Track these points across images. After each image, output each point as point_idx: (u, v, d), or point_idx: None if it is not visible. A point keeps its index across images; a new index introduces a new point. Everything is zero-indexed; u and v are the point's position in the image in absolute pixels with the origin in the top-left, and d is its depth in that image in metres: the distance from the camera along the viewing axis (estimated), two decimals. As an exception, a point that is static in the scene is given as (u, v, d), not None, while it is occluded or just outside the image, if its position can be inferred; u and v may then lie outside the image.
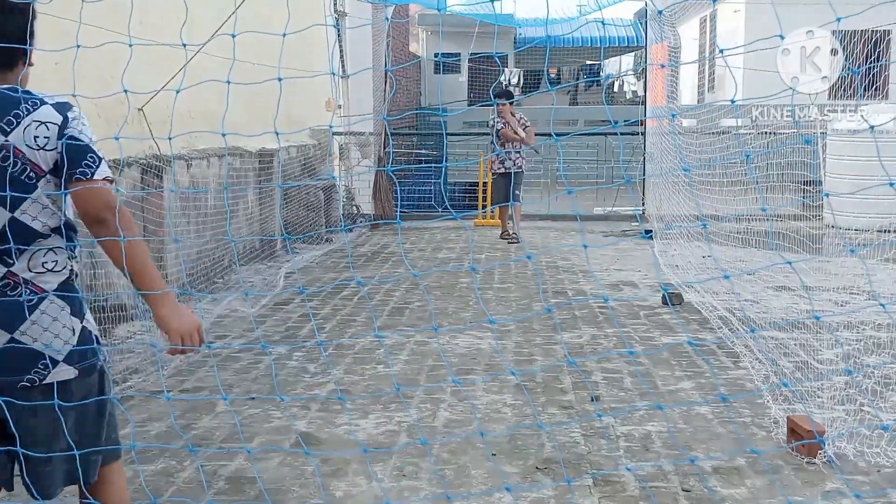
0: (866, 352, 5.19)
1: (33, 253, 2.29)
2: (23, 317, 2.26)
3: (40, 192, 2.27)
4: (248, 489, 3.57)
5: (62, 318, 2.31)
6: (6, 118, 2.24)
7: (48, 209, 2.29)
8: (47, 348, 2.28)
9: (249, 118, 6.72)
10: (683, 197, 9.00)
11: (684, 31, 17.12)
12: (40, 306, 2.29)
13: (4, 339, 2.26)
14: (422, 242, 10.79)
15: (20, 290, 2.27)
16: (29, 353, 2.27)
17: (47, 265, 2.31)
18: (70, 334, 2.32)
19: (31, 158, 2.24)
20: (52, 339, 2.29)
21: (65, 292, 2.33)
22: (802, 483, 3.56)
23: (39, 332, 2.28)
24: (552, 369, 5.20)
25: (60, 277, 2.34)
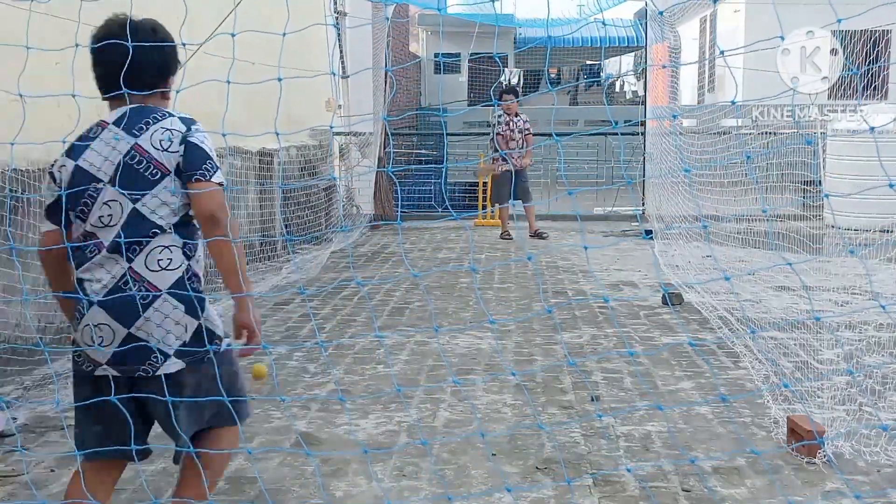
0: (866, 352, 5.19)
1: (151, 250, 2.56)
2: (137, 314, 2.53)
3: (161, 189, 2.57)
4: (248, 489, 3.57)
5: (175, 315, 2.56)
6: (138, 125, 2.62)
7: (166, 206, 2.58)
8: (158, 344, 2.54)
9: (250, 118, 6.71)
10: (683, 197, 9.00)
11: (684, 32, 17.13)
12: (154, 304, 2.55)
13: (123, 334, 2.54)
14: (422, 242, 10.79)
15: (137, 286, 2.54)
16: (142, 347, 2.53)
17: (162, 263, 2.57)
18: (182, 331, 2.58)
19: (156, 158, 2.57)
20: (165, 335, 2.55)
21: (179, 290, 2.57)
22: (802, 483, 3.56)
23: (152, 328, 2.54)
24: (552, 369, 5.20)
25: (175, 275, 2.58)
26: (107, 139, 2.63)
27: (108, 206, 2.57)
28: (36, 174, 5.15)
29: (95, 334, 2.54)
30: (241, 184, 8.87)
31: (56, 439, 4.07)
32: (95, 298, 2.55)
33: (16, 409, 4.43)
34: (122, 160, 2.58)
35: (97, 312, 2.54)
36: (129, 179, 2.56)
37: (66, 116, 4.32)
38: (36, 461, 3.87)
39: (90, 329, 2.55)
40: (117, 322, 2.53)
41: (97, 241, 2.58)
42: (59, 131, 3.11)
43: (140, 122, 2.61)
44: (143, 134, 2.59)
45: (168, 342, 2.56)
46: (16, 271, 4.63)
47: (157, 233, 2.57)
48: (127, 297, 2.53)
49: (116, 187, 2.56)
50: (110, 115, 2.69)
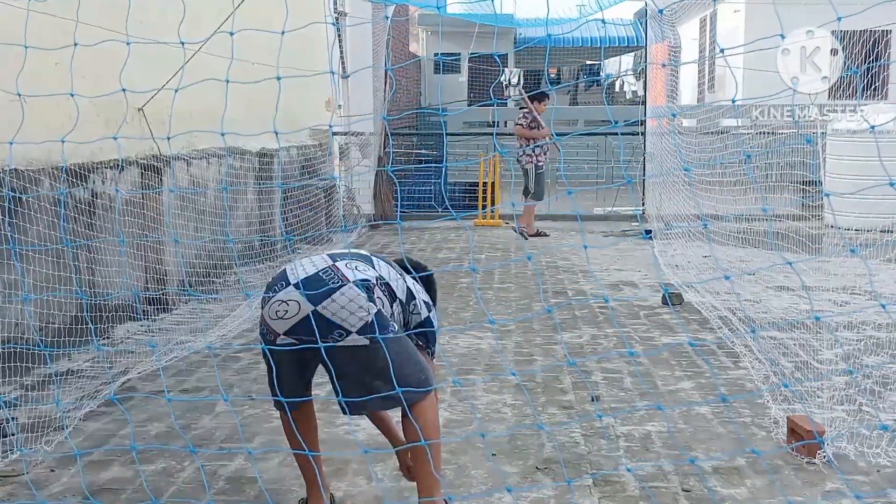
0: (866, 352, 5.19)
1: (356, 268, 3.04)
2: (327, 295, 2.92)
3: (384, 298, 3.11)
4: (248, 489, 3.57)
5: (358, 300, 2.94)
6: None
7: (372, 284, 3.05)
8: (343, 321, 2.92)
9: (250, 118, 6.71)
10: (683, 197, 9.00)
11: (684, 31, 17.13)
12: (341, 289, 2.94)
13: (309, 310, 2.92)
14: (422, 242, 10.79)
15: (334, 278, 2.96)
16: (329, 323, 2.92)
17: (359, 270, 3.04)
18: (365, 313, 2.94)
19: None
20: (348, 315, 2.92)
21: (363, 283, 2.99)
22: (802, 483, 3.56)
23: (337, 309, 2.92)
24: (552, 369, 5.20)
25: (360, 276, 3.02)
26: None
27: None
28: (35, 174, 5.15)
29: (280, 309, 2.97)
30: (241, 184, 8.87)
31: (56, 439, 4.06)
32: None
33: (15, 409, 4.42)
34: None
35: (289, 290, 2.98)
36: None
37: (66, 116, 4.32)
38: (36, 461, 3.87)
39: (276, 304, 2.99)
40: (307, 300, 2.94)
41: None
42: (59, 131, 3.13)
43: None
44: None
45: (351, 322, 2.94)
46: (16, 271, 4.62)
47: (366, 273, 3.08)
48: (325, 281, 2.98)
49: None
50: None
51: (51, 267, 5.09)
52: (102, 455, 3.82)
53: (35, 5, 3.46)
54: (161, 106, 6.34)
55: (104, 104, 5.13)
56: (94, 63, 4.69)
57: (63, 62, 2.91)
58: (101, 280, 5.86)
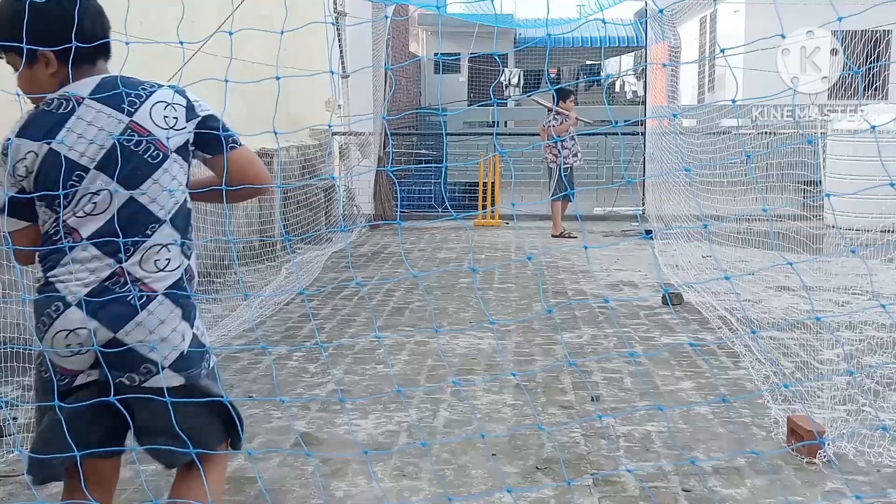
0: (867, 352, 5.19)
1: (147, 249, 2.22)
2: (128, 316, 2.19)
3: (162, 173, 2.25)
4: (248, 489, 3.57)
5: (171, 321, 2.24)
6: (128, 99, 2.25)
7: (167, 193, 2.25)
8: (152, 351, 2.21)
9: (250, 118, 6.71)
10: (683, 197, 9.00)
11: (684, 31, 17.12)
12: (148, 307, 2.21)
13: (107, 338, 2.19)
14: (422, 242, 10.79)
15: (128, 287, 2.20)
16: (134, 354, 2.21)
17: (160, 264, 2.24)
18: (179, 339, 2.26)
19: (159, 137, 2.24)
20: (159, 342, 2.22)
21: (176, 292, 2.25)
22: (802, 483, 3.56)
23: (145, 335, 2.21)
24: (552, 369, 5.20)
25: (174, 277, 2.26)
26: (88, 117, 2.23)
27: (97, 195, 2.21)
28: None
29: (73, 340, 2.19)
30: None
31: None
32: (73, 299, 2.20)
33: (16, 409, 4.42)
34: (115, 142, 2.21)
35: (74, 315, 2.19)
36: (124, 164, 2.20)
37: (66, 116, 4.33)
38: (35, 461, 3.86)
39: (63, 336, 2.20)
40: (101, 325, 2.18)
41: (73, 234, 2.22)
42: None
43: (128, 96, 2.26)
44: (138, 110, 2.24)
45: (159, 354, 2.23)
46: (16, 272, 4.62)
47: (156, 227, 2.24)
48: (117, 297, 2.20)
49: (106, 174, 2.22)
50: (77, 87, 2.27)
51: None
52: (102, 455, 3.82)
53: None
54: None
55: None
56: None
57: (63, 62, 2.93)
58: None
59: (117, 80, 2.30)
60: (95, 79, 2.30)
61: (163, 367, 2.24)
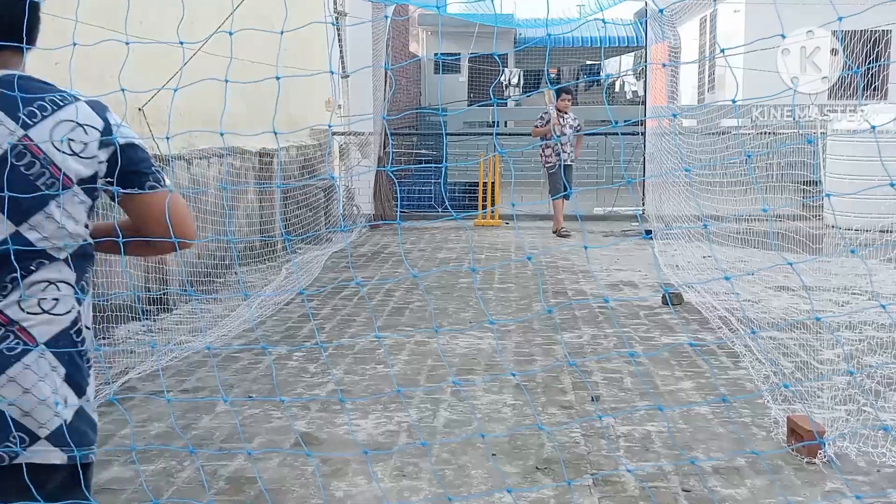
0: (867, 352, 5.19)
1: (30, 286, 1.76)
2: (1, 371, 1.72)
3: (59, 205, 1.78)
4: (248, 489, 3.57)
5: (52, 380, 1.76)
6: (28, 108, 1.76)
7: (63, 230, 1.79)
8: (24, 417, 1.73)
9: (250, 118, 6.72)
10: (683, 197, 9.00)
11: (684, 32, 17.12)
12: (24, 359, 1.74)
13: None
14: (422, 242, 10.79)
15: (3, 333, 1.74)
16: (1, 419, 1.72)
17: (45, 305, 1.77)
18: (61, 406, 1.77)
19: (56, 162, 1.77)
20: (35, 405, 1.74)
21: (62, 346, 1.79)
22: (802, 483, 3.56)
23: (17, 394, 1.73)
24: (552, 369, 5.20)
25: (61, 325, 1.79)
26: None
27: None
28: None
29: None
30: (242, 184, 8.87)
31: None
32: None
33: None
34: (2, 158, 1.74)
35: None
36: (10, 186, 1.73)
37: (66, 116, 4.32)
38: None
39: None
40: None
41: None
42: (59, 131, 3.13)
43: (30, 105, 1.76)
44: (37, 124, 1.76)
45: (40, 419, 1.74)
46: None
47: (45, 263, 1.78)
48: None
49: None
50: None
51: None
52: (102, 455, 3.82)
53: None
54: (161, 106, 6.34)
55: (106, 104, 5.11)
56: (94, 63, 4.69)
57: (63, 62, 2.92)
58: (102, 280, 5.86)
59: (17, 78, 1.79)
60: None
61: (37, 438, 1.75)
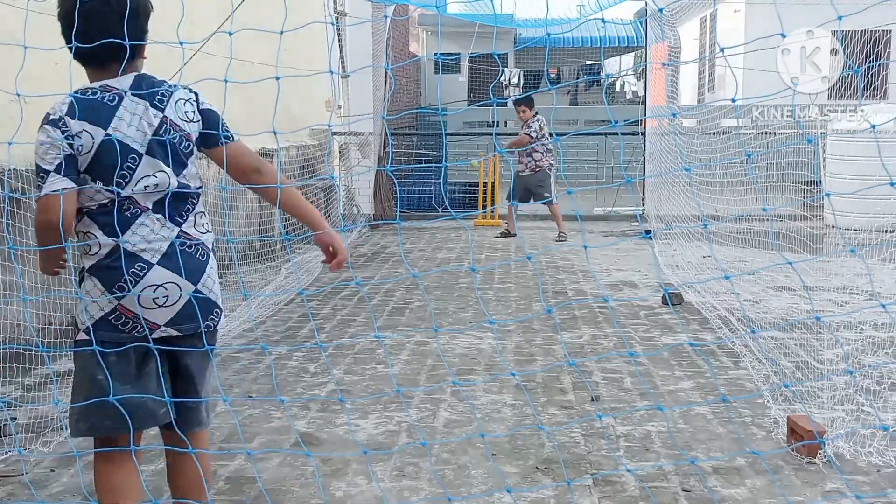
0: (866, 352, 5.19)
1: (195, 215, 2.63)
2: (202, 270, 2.59)
3: (194, 159, 2.63)
4: (248, 489, 3.57)
5: (216, 273, 2.67)
6: (157, 96, 2.58)
7: (197, 173, 2.65)
8: (217, 298, 2.64)
9: (250, 119, 6.72)
10: (684, 197, 9.00)
11: (684, 31, 17.12)
12: (209, 262, 2.64)
13: (191, 291, 2.57)
14: (422, 242, 10.79)
15: (196, 247, 2.60)
16: (209, 303, 2.61)
17: (205, 226, 2.67)
18: (219, 289, 2.67)
19: (186, 130, 2.60)
20: (219, 292, 2.65)
21: (214, 252, 2.69)
22: (802, 483, 3.56)
23: (212, 285, 2.63)
24: (552, 369, 5.20)
25: (211, 238, 2.69)
26: (132, 109, 2.55)
27: (155, 176, 2.55)
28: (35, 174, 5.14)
29: (161, 294, 2.52)
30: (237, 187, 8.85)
31: (56, 439, 4.06)
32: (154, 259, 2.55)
33: (15, 409, 4.42)
34: (157, 133, 2.56)
35: (160, 273, 2.52)
36: (167, 152, 2.56)
37: (66, 116, 4.32)
38: (36, 461, 3.87)
39: (151, 291, 2.51)
40: (186, 280, 2.56)
41: (138, 204, 2.55)
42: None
43: (157, 93, 2.59)
44: (167, 106, 2.59)
45: (220, 301, 2.67)
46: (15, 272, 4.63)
47: (195, 201, 2.65)
48: (188, 254, 2.58)
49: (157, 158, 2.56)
50: (116, 81, 2.58)
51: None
52: (102, 455, 3.82)
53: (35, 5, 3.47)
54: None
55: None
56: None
57: (63, 62, 2.92)
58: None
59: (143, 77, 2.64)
60: (130, 76, 2.61)
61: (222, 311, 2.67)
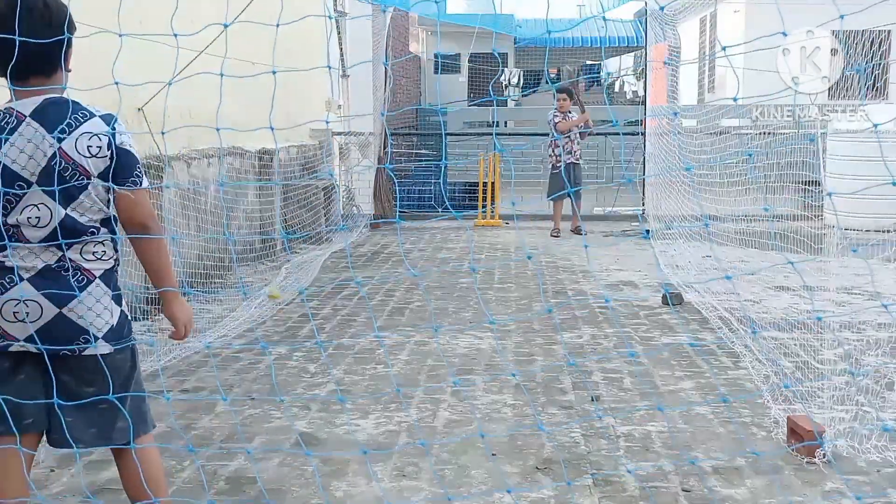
0: (866, 352, 5.19)
1: (85, 244, 2.60)
2: (72, 296, 2.57)
3: (88, 193, 2.57)
4: (248, 489, 3.57)
5: (104, 301, 2.63)
6: (60, 126, 2.53)
7: (95, 206, 2.60)
8: (90, 326, 2.59)
9: (250, 119, 6.72)
10: (684, 197, 9.00)
11: (684, 31, 17.13)
12: (88, 288, 2.60)
13: (53, 313, 2.56)
14: (422, 242, 10.79)
15: (72, 272, 2.58)
16: (74, 327, 2.58)
17: (97, 254, 2.63)
18: (109, 316, 2.64)
19: (81, 164, 2.54)
20: (95, 318, 2.60)
21: (109, 279, 2.66)
22: (802, 483, 3.56)
23: (84, 311, 2.58)
24: (552, 369, 5.20)
25: (106, 265, 2.65)
26: (27, 135, 2.51)
27: (38, 208, 2.53)
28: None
29: (21, 310, 2.54)
30: (241, 183, 8.87)
31: (56, 439, 4.06)
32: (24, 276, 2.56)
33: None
34: (48, 164, 2.51)
35: (26, 289, 2.54)
36: (54, 183, 2.51)
37: (66, 116, 4.32)
38: (36, 461, 3.86)
39: (12, 304, 2.54)
40: (49, 301, 2.55)
41: (21, 234, 2.55)
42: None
43: (61, 122, 2.53)
44: (67, 138, 2.52)
45: (98, 325, 2.61)
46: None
47: (94, 232, 2.61)
48: (63, 278, 2.57)
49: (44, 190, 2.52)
50: (22, 105, 2.55)
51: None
52: (102, 455, 3.81)
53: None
54: (162, 107, 6.34)
55: (105, 104, 5.12)
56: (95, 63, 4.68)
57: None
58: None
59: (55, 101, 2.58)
60: (37, 99, 2.56)
61: (96, 338, 2.61)
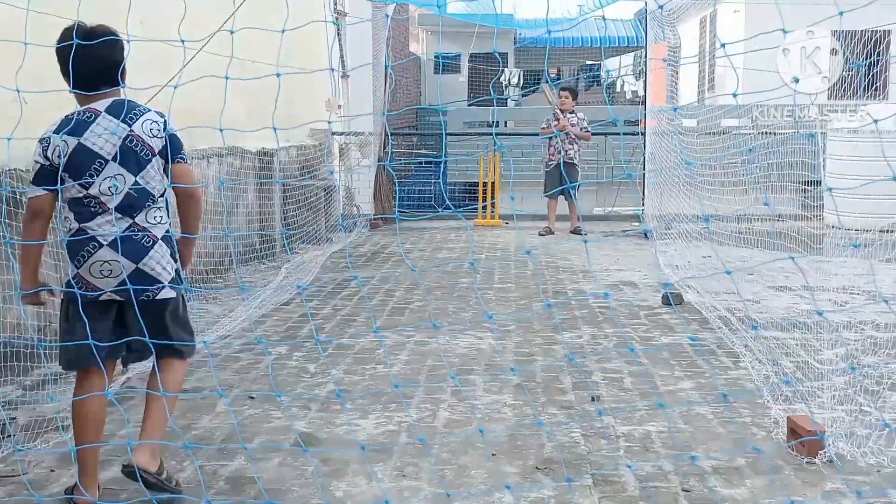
0: (866, 352, 5.19)
1: (149, 210, 3.39)
2: (144, 253, 3.37)
3: (153, 164, 3.38)
4: (248, 489, 3.57)
5: (166, 257, 3.43)
6: (129, 115, 3.38)
7: (157, 176, 3.41)
8: (159, 275, 3.40)
9: (251, 120, 6.72)
10: (684, 196, 9.00)
11: (684, 31, 17.13)
12: (154, 247, 3.40)
13: (132, 268, 3.35)
14: (422, 242, 10.78)
15: (140, 236, 3.35)
16: (149, 278, 3.38)
17: (157, 218, 3.42)
18: (171, 268, 3.45)
19: (147, 142, 3.38)
20: (161, 270, 3.41)
21: (167, 240, 3.46)
22: (802, 483, 3.56)
23: (153, 265, 3.39)
24: (552, 369, 5.20)
25: (164, 229, 3.45)
26: (104, 124, 3.32)
27: (115, 178, 3.32)
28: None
29: (106, 268, 3.32)
30: (241, 183, 8.86)
31: (56, 439, 4.06)
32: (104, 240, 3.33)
33: (15, 409, 4.42)
34: (123, 143, 3.32)
35: (107, 252, 3.32)
36: (129, 158, 3.33)
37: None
38: (36, 461, 3.87)
39: (98, 265, 3.32)
40: (127, 258, 3.31)
41: (102, 203, 3.32)
42: (59, 131, 3.15)
43: (130, 113, 3.38)
44: (135, 123, 3.36)
45: (164, 277, 3.42)
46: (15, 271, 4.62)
47: (154, 198, 3.40)
48: (134, 240, 3.34)
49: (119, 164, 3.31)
50: (97, 104, 3.37)
51: (50, 267, 5.08)
52: (102, 455, 3.81)
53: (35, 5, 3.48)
54: (162, 107, 6.33)
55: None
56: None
57: (63, 62, 2.94)
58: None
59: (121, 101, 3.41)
60: (108, 100, 3.40)
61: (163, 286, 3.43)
